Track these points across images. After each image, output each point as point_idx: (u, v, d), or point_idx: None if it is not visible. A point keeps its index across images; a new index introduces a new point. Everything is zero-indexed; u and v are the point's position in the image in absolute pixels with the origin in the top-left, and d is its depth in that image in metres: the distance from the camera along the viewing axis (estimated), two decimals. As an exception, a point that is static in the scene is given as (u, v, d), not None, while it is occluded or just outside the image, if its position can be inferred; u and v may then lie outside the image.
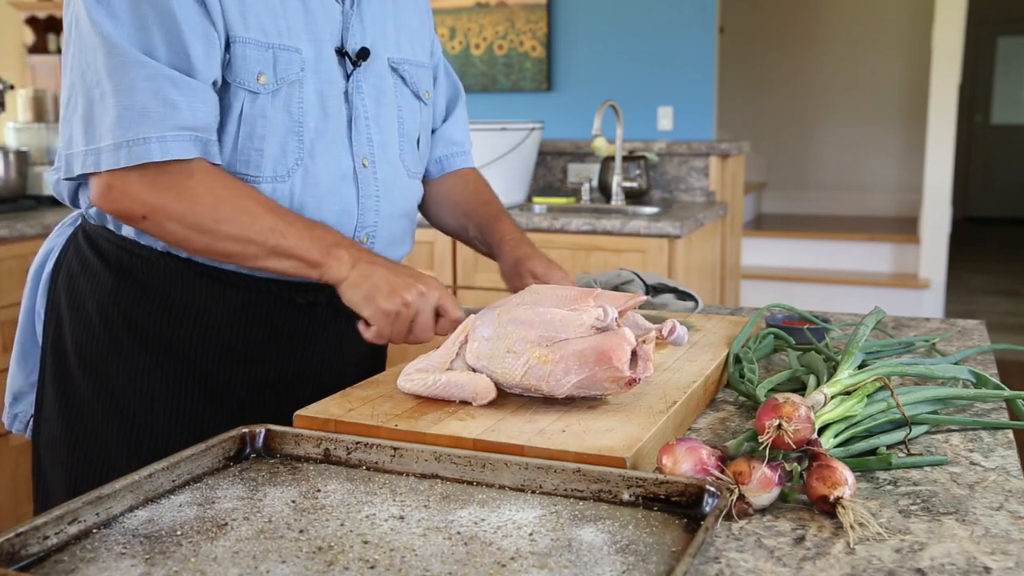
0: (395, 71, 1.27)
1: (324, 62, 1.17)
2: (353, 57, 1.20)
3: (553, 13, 4.70)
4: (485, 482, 0.82)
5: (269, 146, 1.13)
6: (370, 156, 1.22)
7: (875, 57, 7.62)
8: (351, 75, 1.20)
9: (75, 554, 0.70)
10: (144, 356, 1.19)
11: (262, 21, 1.12)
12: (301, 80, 1.15)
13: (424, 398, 1.01)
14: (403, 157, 1.29)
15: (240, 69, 1.11)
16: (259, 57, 1.11)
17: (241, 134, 1.12)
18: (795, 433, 0.80)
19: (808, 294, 5.19)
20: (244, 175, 1.13)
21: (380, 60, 1.24)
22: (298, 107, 1.15)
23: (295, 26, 1.14)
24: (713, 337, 1.25)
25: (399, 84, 1.28)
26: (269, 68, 1.12)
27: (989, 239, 9.25)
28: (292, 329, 1.22)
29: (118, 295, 1.19)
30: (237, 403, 1.21)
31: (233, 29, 1.10)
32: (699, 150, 3.59)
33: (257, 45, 1.11)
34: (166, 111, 1.05)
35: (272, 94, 1.13)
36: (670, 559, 0.68)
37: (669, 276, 2.89)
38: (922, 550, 0.73)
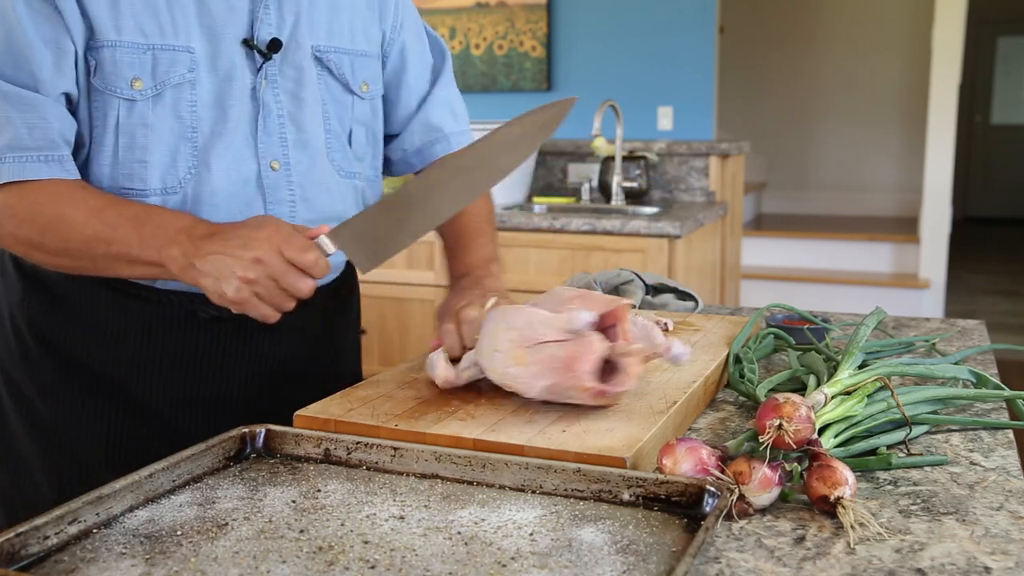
0: (319, 61, 1.16)
1: (223, 58, 1.08)
2: (263, 49, 1.10)
3: (553, 13, 4.70)
4: (485, 482, 0.82)
5: (155, 156, 1.05)
6: (282, 158, 1.12)
7: (875, 57, 7.62)
8: (261, 69, 1.10)
9: (75, 554, 0.70)
10: (54, 369, 1.12)
11: (140, 21, 1.03)
12: (192, 81, 1.06)
13: (425, 398, 1.01)
14: (331, 156, 1.18)
15: (111, 75, 1.02)
16: (133, 61, 1.03)
17: (120, 146, 1.04)
18: (795, 433, 0.80)
19: (808, 294, 5.18)
20: (129, 190, 1.05)
21: (301, 50, 1.13)
22: (189, 110, 1.06)
23: (183, 22, 1.05)
24: (713, 337, 1.25)
25: (325, 76, 1.17)
26: (146, 72, 1.03)
27: (989, 239, 9.25)
28: (200, 345, 1.14)
29: (27, 304, 1.13)
30: (156, 421, 1.14)
31: (101, 33, 1.01)
32: (699, 150, 3.59)
33: (132, 48, 1.02)
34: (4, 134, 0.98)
35: (153, 100, 1.04)
36: (670, 559, 0.68)
37: (669, 276, 2.89)
38: (922, 550, 0.73)
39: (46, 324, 1.12)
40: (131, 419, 1.13)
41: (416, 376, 1.09)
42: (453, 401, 0.99)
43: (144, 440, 1.12)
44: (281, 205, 1.13)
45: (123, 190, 1.06)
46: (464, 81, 4.75)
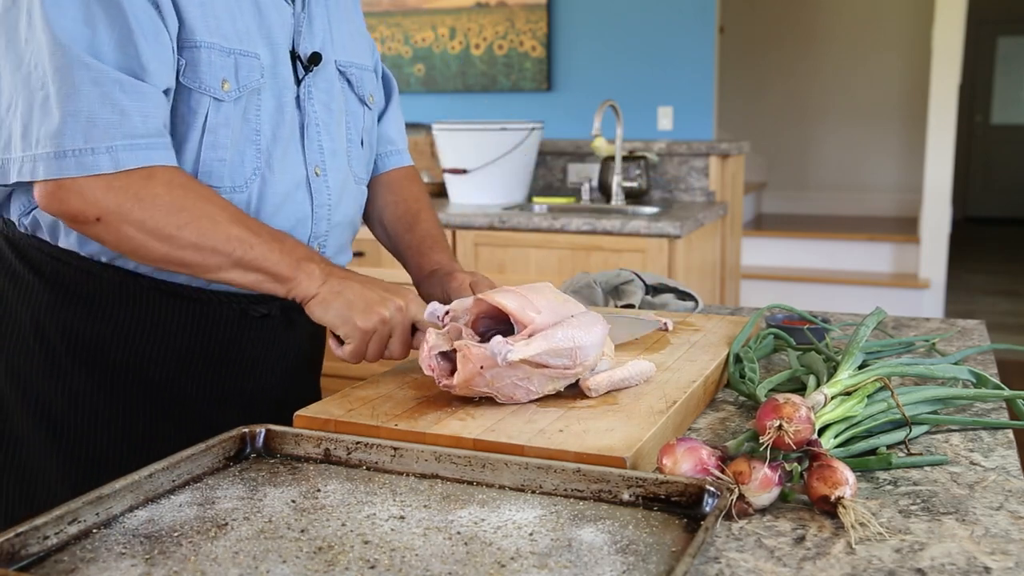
0: (343, 75, 1.24)
1: (280, 67, 1.13)
2: (305, 62, 1.16)
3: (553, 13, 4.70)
4: (485, 482, 0.82)
5: (230, 155, 1.09)
6: (322, 164, 1.19)
7: (875, 57, 7.62)
8: (302, 80, 1.16)
9: (75, 554, 0.70)
10: (85, 375, 1.12)
11: (221, 25, 1.07)
12: (260, 87, 1.11)
13: (425, 398, 1.01)
14: (351, 164, 1.26)
15: (205, 75, 1.05)
16: (223, 63, 1.06)
17: (205, 144, 1.07)
18: (795, 434, 0.80)
19: (808, 294, 5.18)
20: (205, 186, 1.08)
21: (329, 64, 1.21)
22: (255, 115, 1.11)
23: (251, 30, 1.10)
24: (713, 337, 1.25)
25: (346, 89, 1.25)
26: (231, 74, 1.07)
27: (989, 239, 9.25)
28: (246, 341, 1.18)
29: (56, 310, 1.11)
30: (191, 419, 1.15)
31: (196, 32, 1.04)
32: (699, 150, 3.59)
33: (220, 51, 1.06)
34: (115, 118, 0.97)
35: (235, 102, 1.08)
36: (670, 559, 0.68)
37: (669, 276, 2.89)
38: (922, 550, 0.73)
39: (81, 328, 1.11)
40: (166, 419, 1.14)
41: (416, 376, 1.09)
42: (453, 401, 0.99)
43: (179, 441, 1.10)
44: (323, 208, 1.20)
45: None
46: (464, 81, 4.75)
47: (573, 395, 1.01)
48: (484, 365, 0.93)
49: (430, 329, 1.00)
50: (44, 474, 1.13)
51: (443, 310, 1.01)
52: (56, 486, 1.12)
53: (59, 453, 1.12)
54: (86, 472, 1.11)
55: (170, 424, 1.15)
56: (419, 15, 4.67)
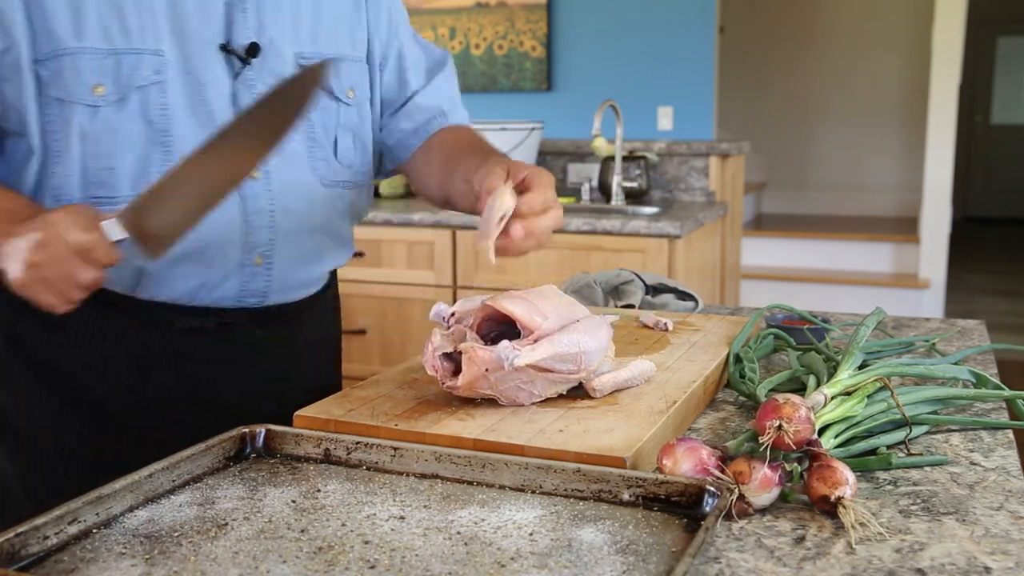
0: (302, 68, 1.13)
1: (196, 61, 1.05)
2: (240, 54, 1.07)
3: (553, 13, 4.70)
4: (485, 482, 0.82)
5: (123, 162, 1.02)
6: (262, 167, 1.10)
7: (875, 57, 7.62)
8: (240, 74, 1.08)
9: (75, 554, 0.70)
10: (29, 381, 1.10)
11: (104, 24, 1.00)
12: (161, 84, 1.03)
13: (425, 398, 1.01)
14: (314, 165, 1.16)
15: (71, 83, 0.99)
16: (96, 67, 1.00)
17: (87, 154, 1.01)
18: (795, 434, 0.80)
19: (808, 294, 5.18)
20: (99, 198, 1.02)
21: (281, 56, 1.11)
22: (160, 114, 1.03)
23: (152, 24, 1.03)
24: (713, 337, 1.25)
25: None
26: (108, 76, 1.00)
27: (989, 239, 9.25)
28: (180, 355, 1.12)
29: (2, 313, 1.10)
30: (132, 431, 1.12)
31: (61, 41, 0.99)
32: (699, 150, 3.59)
33: (94, 54, 1.00)
34: None
35: (116, 104, 1.01)
36: (670, 559, 0.68)
37: (669, 276, 2.89)
38: (922, 550, 0.73)
39: (23, 333, 1.10)
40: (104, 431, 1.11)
41: (416, 376, 1.09)
42: (453, 401, 0.99)
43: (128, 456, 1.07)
44: (261, 215, 1.10)
45: (93, 199, 1.03)
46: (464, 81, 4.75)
47: (573, 395, 1.01)
48: (489, 368, 0.93)
49: (435, 330, 1.00)
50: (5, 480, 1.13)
51: (449, 311, 1.01)
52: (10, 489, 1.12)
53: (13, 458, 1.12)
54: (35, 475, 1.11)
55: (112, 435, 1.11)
56: (419, 15, 4.67)
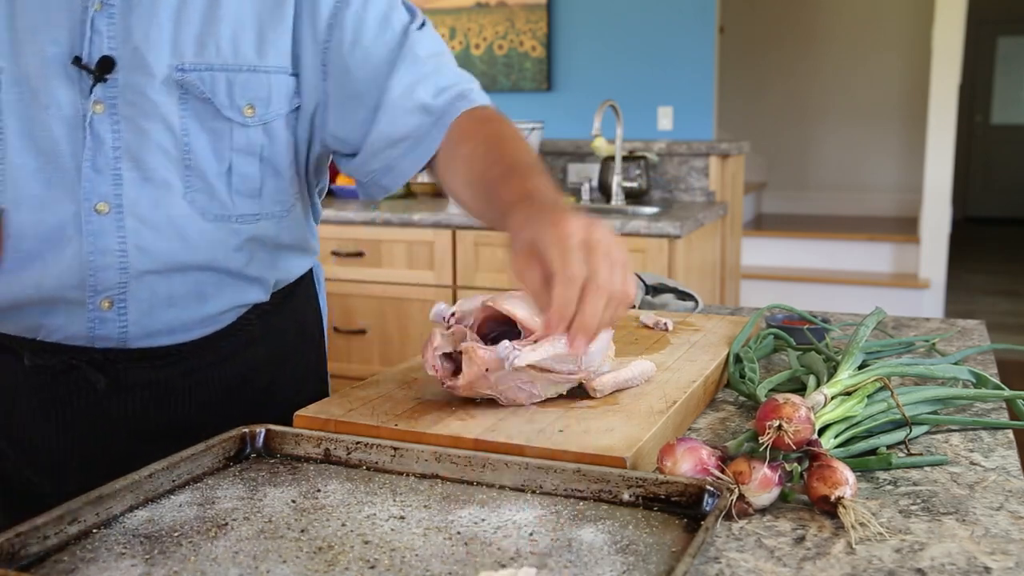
0: (179, 84, 0.97)
1: (34, 78, 0.92)
2: (92, 69, 0.93)
3: (553, 13, 4.70)
4: (485, 482, 0.82)
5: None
6: (115, 199, 0.95)
7: (875, 57, 7.62)
8: (92, 92, 0.94)
9: (75, 554, 0.70)
10: None
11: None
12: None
13: (425, 398, 1.01)
14: (192, 196, 0.99)
15: None
16: None
17: None
18: (795, 434, 0.80)
19: (808, 294, 5.19)
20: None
21: (150, 70, 0.95)
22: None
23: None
24: (713, 337, 1.25)
25: (190, 100, 0.98)
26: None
27: (989, 239, 9.25)
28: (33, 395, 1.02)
29: None
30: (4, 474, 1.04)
31: None
32: (699, 150, 3.59)
33: None
34: None
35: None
36: (670, 559, 0.68)
37: (669, 276, 2.89)
38: (922, 550, 0.73)
39: None
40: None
41: (416, 376, 1.09)
42: (453, 401, 0.99)
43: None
44: (109, 255, 0.97)
45: None
46: (464, 81, 4.75)
47: (573, 395, 1.01)
48: (490, 368, 0.93)
49: (435, 330, 1.00)
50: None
51: (449, 311, 1.01)
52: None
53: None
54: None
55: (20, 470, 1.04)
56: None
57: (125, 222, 0.96)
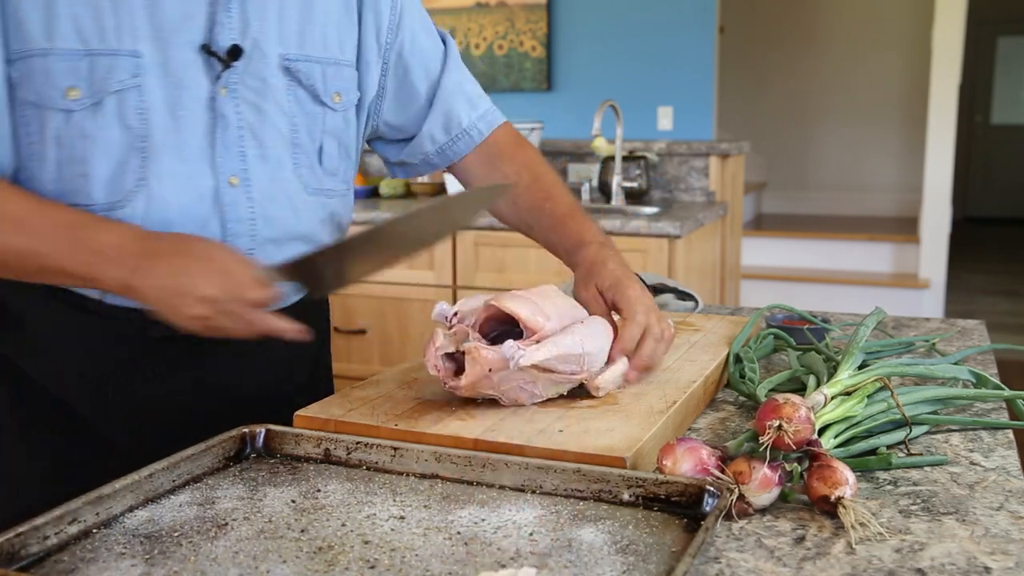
0: (288, 71, 1.08)
1: (175, 64, 1.01)
2: (222, 56, 1.03)
3: (553, 13, 4.70)
4: (485, 482, 0.82)
5: (97, 169, 0.98)
6: (241, 173, 1.05)
7: (875, 57, 7.62)
8: (220, 77, 1.03)
9: (75, 554, 0.70)
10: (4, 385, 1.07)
11: (79, 24, 0.96)
12: (139, 87, 0.99)
13: (425, 398, 1.01)
14: (299, 172, 1.11)
15: (43, 86, 0.95)
16: (69, 69, 0.96)
17: (61, 159, 0.98)
18: (795, 434, 0.80)
19: (808, 294, 5.19)
20: (74, 206, 0.99)
21: (266, 59, 1.06)
22: (139, 119, 0.99)
23: (129, 25, 0.98)
24: (713, 337, 1.25)
25: (294, 86, 1.09)
26: (82, 79, 0.96)
27: (989, 239, 9.25)
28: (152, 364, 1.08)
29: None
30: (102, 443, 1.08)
31: (31, 40, 0.95)
32: (699, 150, 3.59)
33: (66, 55, 0.95)
34: None
35: (92, 108, 0.97)
36: (670, 559, 0.68)
37: (669, 276, 2.89)
38: (922, 550, 0.73)
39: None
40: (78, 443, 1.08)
41: (416, 376, 1.09)
42: (453, 401, 0.99)
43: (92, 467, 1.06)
44: (240, 223, 1.06)
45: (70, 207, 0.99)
46: (464, 81, 4.75)
47: (573, 395, 1.01)
48: (493, 368, 0.93)
49: (437, 330, 1.00)
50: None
51: (451, 311, 1.01)
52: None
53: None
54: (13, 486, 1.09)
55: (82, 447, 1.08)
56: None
57: (252, 193, 1.07)
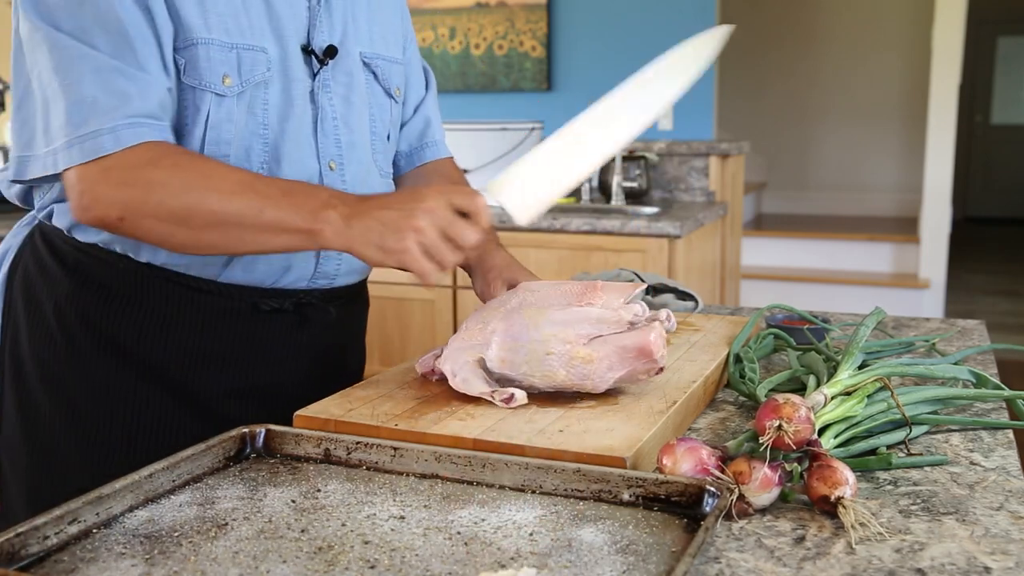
0: (367, 67, 1.23)
1: (290, 61, 1.13)
2: (320, 55, 1.15)
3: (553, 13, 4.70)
4: (485, 482, 0.82)
5: (234, 150, 1.09)
6: (338, 158, 1.18)
7: (875, 57, 7.62)
8: (318, 74, 1.16)
9: (75, 554, 0.70)
10: (104, 363, 1.13)
11: (224, 21, 1.07)
12: (267, 81, 1.11)
13: (425, 398, 1.01)
14: (375, 157, 1.25)
15: (205, 71, 1.06)
16: (223, 58, 1.06)
17: (208, 140, 1.08)
18: (795, 434, 0.80)
19: (808, 294, 5.18)
20: None
21: (350, 56, 1.20)
22: (262, 109, 1.11)
23: (258, 24, 1.10)
24: (713, 337, 1.25)
25: (371, 81, 1.24)
26: (234, 70, 1.08)
27: (989, 239, 9.25)
28: (259, 336, 1.18)
29: (76, 298, 1.13)
30: (205, 412, 1.16)
31: (193, 31, 1.05)
32: (699, 150, 3.59)
33: (221, 46, 1.06)
34: (116, 101, 0.99)
35: (237, 97, 1.08)
36: (670, 559, 0.68)
37: (669, 276, 2.89)
38: (922, 550, 0.73)
39: (98, 317, 1.13)
40: (182, 410, 1.15)
41: (416, 376, 1.09)
42: (453, 401, 0.99)
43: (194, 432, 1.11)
44: None
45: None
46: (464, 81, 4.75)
47: (573, 395, 1.01)
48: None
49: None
50: (65, 457, 1.15)
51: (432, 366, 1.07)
52: (75, 470, 1.14)
53: (78, 438, 1.14)
54: (103, 458, 1.13)
55: (184, 416, 1.15)
56: (419, 15, 4.67)
57: (346, 176, 1.19)
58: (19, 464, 1.18)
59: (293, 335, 1.20)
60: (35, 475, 1.17)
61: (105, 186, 0.99)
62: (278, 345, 1.20)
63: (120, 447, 1.14)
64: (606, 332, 1.00)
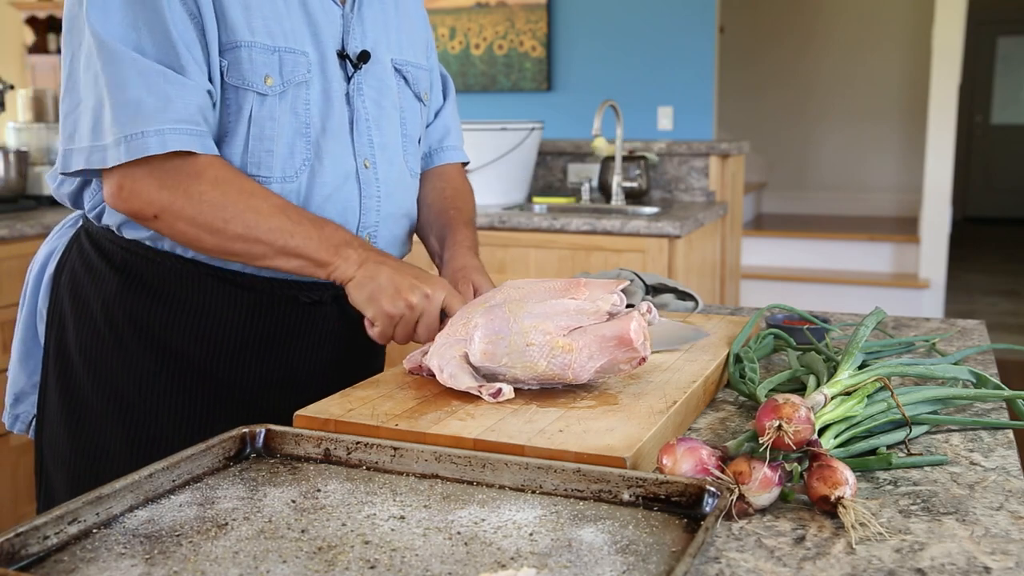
0: (398, 72, 1.30)
1: (327, 64, 1.19)
2: (354, 60, 1.22)
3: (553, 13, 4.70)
4: (485, 482, 0.82)
5: (278, 147, 1.15)
6: (371, 157, 1.24)
7: (875, 57, 7.63)
8: (352, 77, 1.22)
9: (75, 554, 0.70)
10: (150, 358, 1.19)
11: (267, 25, 1.13)
12: (308, 81, 1.17)
13: (425, 398, 1.01)
14: (406, 158, 1.31)
15: (248, 72, 1.12)
16: (265, 60, 1.13)
17: (251, 136, 1.14)
18: (795, 434, 0.80)
19: (808, 294, 5.19)
20: (256, 176, 1.15)
21: (382, 62, 1.26)
22: (304, 108, 1.17)
23: (299, 29, 1.16)
24: (713, 337, 1.25)
25: (402, 85, 1.30)
26: (275, 71, 1.14)
27: (989, 239, 9.25)
28: (298, 328, 1.24)
29: (123, 296, 1.19)
30: (245, 403, 1.21)
31: (237, 34, 1.11)
32: (699, 150, 3.59)
33: (263, 49, 1.13)
34: (160, 104, 1.05)
35: (279, 96, 1.15)
36: (670, 559, 0.68)
37: (669, 276, 2.89)
38: (922, 550, 0.73)
39: (144, 314, 1.19)
40: (224, 402, 1.21)
41: (416, 376, 1.09)
42: (453, 401, 0.99)
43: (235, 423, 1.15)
44: (371, 199, 1.24)
45: (250, 176, 1.14)
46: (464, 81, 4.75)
47: (573, 395, 1.01)
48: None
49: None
50: (111, 449, 1.20)
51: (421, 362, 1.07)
52: (120, 462, 1.18)
53: (125, 431, 1.20)
54: (148, 451, 1.17)
55: (227, 408, 1.21)
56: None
57: (379, 175, 1.25)
58: (62, 459, 1.23)
59: (332, 326, 1.27)
60: (80, 469, 1.22)
61: (147, 184, 1.07)
62: (317, 336, 1.26)
63: (165, 439, 1.19)
64: (586, 323, 1.00)
